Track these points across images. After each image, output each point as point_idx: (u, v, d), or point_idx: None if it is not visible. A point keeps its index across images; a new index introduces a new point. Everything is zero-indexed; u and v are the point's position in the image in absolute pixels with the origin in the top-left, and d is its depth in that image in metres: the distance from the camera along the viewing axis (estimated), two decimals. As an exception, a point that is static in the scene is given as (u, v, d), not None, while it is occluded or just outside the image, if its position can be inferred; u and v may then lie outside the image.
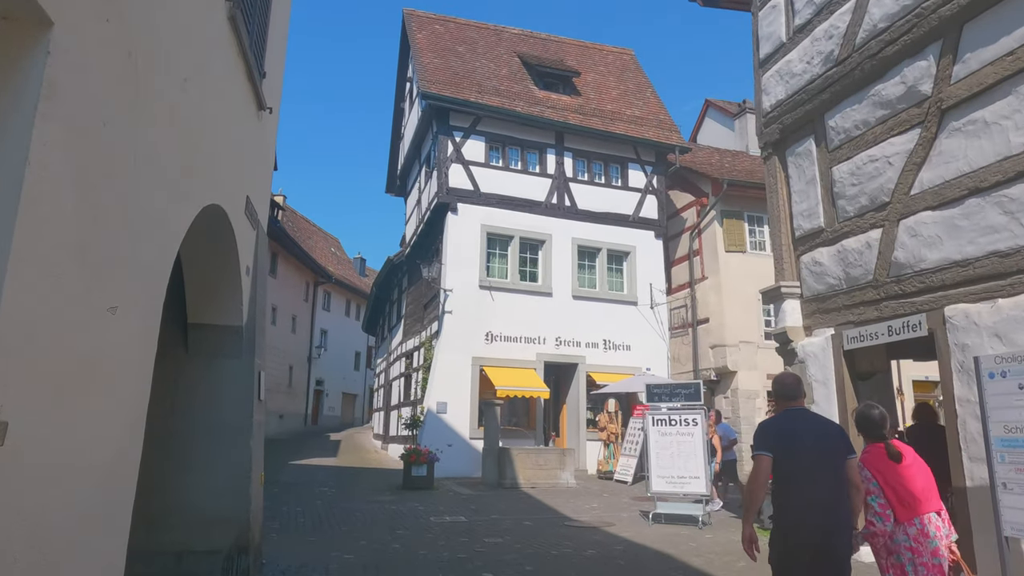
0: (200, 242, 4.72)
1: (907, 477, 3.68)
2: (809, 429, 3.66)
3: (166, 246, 3.40)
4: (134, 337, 3.04)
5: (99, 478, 2.78)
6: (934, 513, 3.68)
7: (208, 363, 5.44)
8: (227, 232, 4.87)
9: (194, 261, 5.00)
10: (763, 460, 3.54)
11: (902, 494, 3.64)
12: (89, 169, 2.37)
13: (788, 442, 3.56)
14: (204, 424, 5.32)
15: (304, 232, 36.90)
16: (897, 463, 3.71)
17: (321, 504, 10.62)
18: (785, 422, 3.72)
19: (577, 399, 16.69)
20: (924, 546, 3.57)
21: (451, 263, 15.94)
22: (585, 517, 9.75)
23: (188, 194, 3.68)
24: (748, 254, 18.76)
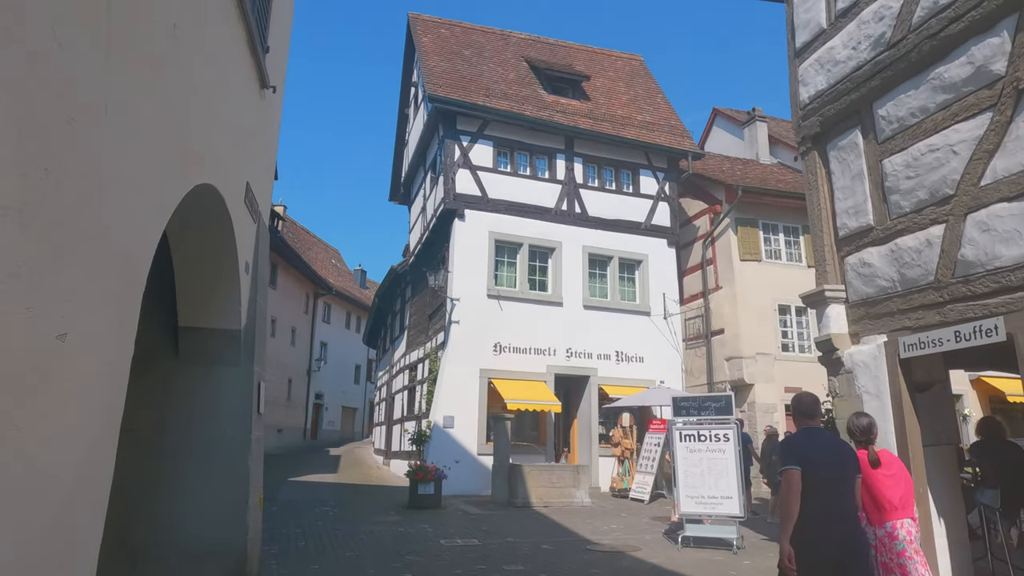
0: (193, 232, 4.13)
1: (886, 484, 4.01)
2: (827, 447, 3.87)
3: (148, 225, 2.81)
4: (104, 335, 2.44)
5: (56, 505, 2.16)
6: (908, 519, 3.99)
7: (201, 372, 4.84)
8: (224, 222, 4.27)
9: (186, 255, 4.40)
10: (794, 474, 3.69)
11: (877, 498, 3.98)
12: (35, 105, 1.78)
13: (813, 459, 3.74)
14: (196, 442, 4.71)
15: (304, 243, 36.37)
16: (875, 468, 4.07)
17: (323, 525, 9.95)
18: (806, 439, 3.91)
19: (589, 413, 16.03)
20: (889, 548, 3.92)
21: (458, 271, 15.35)
22: (607, 540, 9.09)
23: (177, 166, 3.09)
24: (764, 263, 18.22)
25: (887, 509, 4.02)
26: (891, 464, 4.20)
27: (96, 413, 2.47)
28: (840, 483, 3.73)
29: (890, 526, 4.01)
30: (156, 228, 2.91)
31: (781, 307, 18.10)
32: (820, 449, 3.82)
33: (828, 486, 3.67)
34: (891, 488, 4.05)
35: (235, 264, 4.60)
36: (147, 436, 4.61)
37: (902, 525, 4.00)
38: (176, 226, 4.08)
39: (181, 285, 4.60)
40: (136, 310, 2.72)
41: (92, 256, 2.29)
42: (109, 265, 2.45)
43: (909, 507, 4.07)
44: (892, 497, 4.03)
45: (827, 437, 4.01)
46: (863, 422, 4.37)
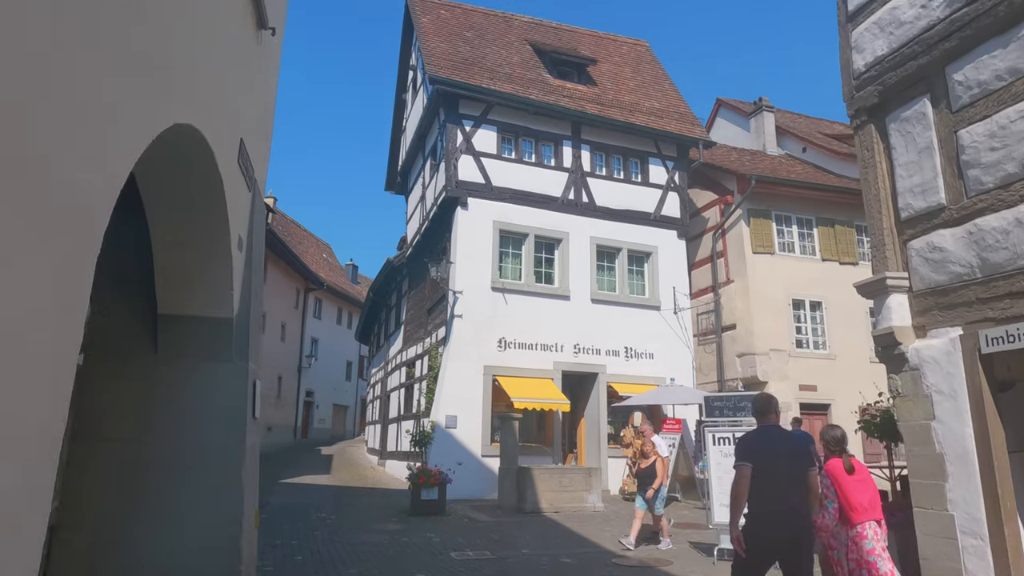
0: (175, 194, 3.32)
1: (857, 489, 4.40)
2: (781, 443, 4.22)
3: (108, 161, 2.00)
4: (42, 312, 1.63)
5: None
6: (874, 522, 4.41)
7: (186, 369, 4.04)
8: (212, 183, 3.47)
9: (166, 224, 3.60)
10: (745, 470, 4.07)
11: (851, 501, 4.36)
12: None
13: (765, 455, 4.07)
14: (180, 451, 3.91)
15: (294, 237, 35.42)
16: (850, 475, 4.48)
17: (320, 536, 9.15)
18: (762, 437, 4.29)
19: (597, 412, 15.29)
20: (859, 547, 4.28)
21: (461, 262, 14.56)
22: (631, 551, 8.34)
23: (149, 95, 2.29)
24: (777, 255, 17.55)
25: (857, 511, 4.42)
26: (861, 471, 4.63)
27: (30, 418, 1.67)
28: (791, 478, 4.08)
29: (860, 527, 4.41)
30: (119, 168, 2.10)
31: (795, 301, 17.42)
32: (773, 446, 4.19)
33: (778, 482, 4.03)
34: (861, 492, 4.48)
35: (225, 238, 3.80)
36: (122, 446, 3.81)
37: (869, 526, 4.44)
38: (154, 185, 3.28)
39: (161, 263, 3.79)
40: (87, 279, 1.92)
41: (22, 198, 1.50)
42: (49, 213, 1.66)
43: (876, 510, 4.51)
44: (862, 500, 4.44)
45: (782, 434, 4.41)
46: (837, 433, 4.84)
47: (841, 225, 18.28)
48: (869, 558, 4.34)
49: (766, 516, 4.00)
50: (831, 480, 4.59)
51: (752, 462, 4.11)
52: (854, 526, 4.42)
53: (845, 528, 4.44)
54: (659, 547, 8.52)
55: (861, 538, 4.39)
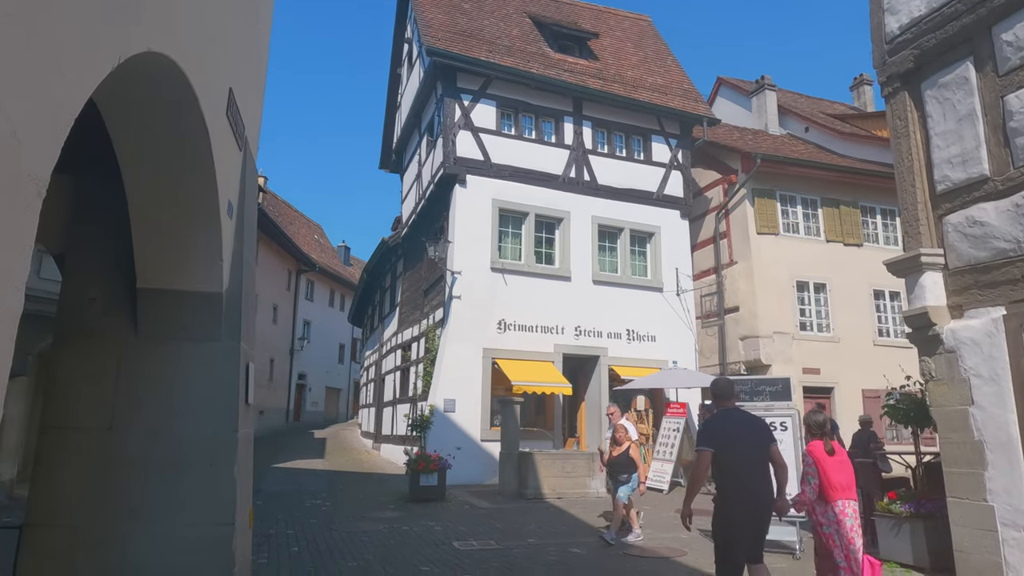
0: (154, 151, 2.86)
1: (836, 469, 4.68)
2: (742, 426, 4.44)
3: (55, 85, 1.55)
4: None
5: None
6: (851, 500, 4.70)
7: (170, 351, 3.61)
8: (197, 136, 3.01)
9: (145, 185, 3.14)
10: (705, 455, 4.33)
11: (831, 481, 4.66)
12: None
13: (727, 438, 4.31)
14: (164, 444, 3.49)
15: (286, 218, 34.78)
16: (831, 456, 4.75)
17: (317, 524, 8.78)
18: (723, 421, 4.53)
19: (598, 395, 14.95)
20: (840, 523, 4.60)
21: (459, 242, 14.10)
22: (642, 541, 8.01)
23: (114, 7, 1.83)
24: (781, 236, 17.18)
25: (836, 490, 4.71)
26: (840, 453, 4.90)
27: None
28: (754, 458, 4.32)
29: (841, 504, 4.70)
30: (73, 97, 1.64)
31: (799, 283, 17.09)
32: (735, 429, 4.42)
33: (741, 462, 4.28)
34: (840, 473, 4.76)
35: (213, 201, 3.34)
36: (97, 438, 3.39)
37: (849, 504, 4.72)
38: (129, 136, 2.82)
39: (139, 230, 3.33)
40: (30, 233, 1.47)
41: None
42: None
43: (851, 490, 4.81)
44: (841, 480, 4.73)
45: (741, 416, 4.66)
46: (819, 418, 5.05)
47: (846, 206, 17.91)
48: (849, 534, 4.66)
49: (736, 493, 4.26)
50: (813, 460, 4.88)
51: (713, 447, 4.36)
52: (834, 503, 4.72)
53: (827, 505, 4.75)
54: (627, 539, 7.88)
55: (843, 515, 4.71)
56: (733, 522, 4.24)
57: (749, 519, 4.23)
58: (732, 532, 4.23)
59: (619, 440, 8.22)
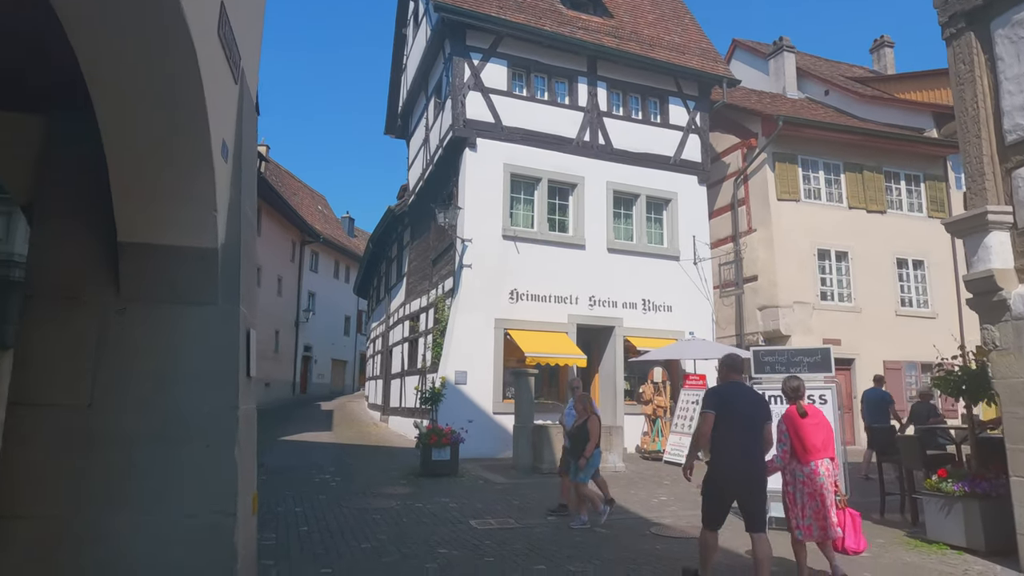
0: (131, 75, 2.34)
1: (811, 431, 5.00)
2: (744, 398, 4.81)
3: None
4: None
5: None
6: (827, 459, 5.01)
7: (158, 315, 3.12)
8: (182, 57, 2.47)
9: (122, 120, 2.62)
10: (709, 416, 4.71)
11: (804, 442, 4.97)
12: None
13: (729, 406, 4.68)
14: (153, 422, 3.03)
15: (289, 188, 34.18)
16: (803, 418, 5.08)
17: (326, 501, 8.40)
18: (728, 390, 4.88)
19: (613, 367, 14.53)
20: (813, 482, 4.92)
21: (470, 208, 13.54)
22: (667, 519, 7.62)
23: None
24: (802, 203, 16.61)
25: (811, 451, 4.95)
26: (816, 415, 5.16)
27: None
28: (749, 428, 4.64)
29: (814, 464, 4.95)
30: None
31: (820, 251, 16.54)
32: (738, 399, 4.74)
33: (741, 428, 4.60)
34: (814, 434, 4.99)
35: (204, 140, 2.83)
36: (74, 415, 2.92)
37: (823, 463, 4.97)
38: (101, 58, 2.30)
39: (118, 174, 2.82)
40: None
41: None
42: None
43: (829, 449, 5.04)
44: (816, 441, 4.96)
45: (745, 390, 4.98)
46: (794, 384, 5.31)
47: (869, 171, 17.27)
48: (821, 491, 4.90)
49: (728, 456, 4.61)
50: (787, 425, 5.11)
51: (717, 410, 4.68)
52: (808, 463, 4.94)
53: (800, 465, 4.99)
54: (572, 525, 7.11)
55: (815, 474, 4.94)
56: (721, 480, 4.66)
57: (736, 481, 4.61)
58: (719, 489, 4.67)
59: (578, 411, 7.56)
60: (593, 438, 7.21)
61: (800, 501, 4.97)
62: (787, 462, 5.06)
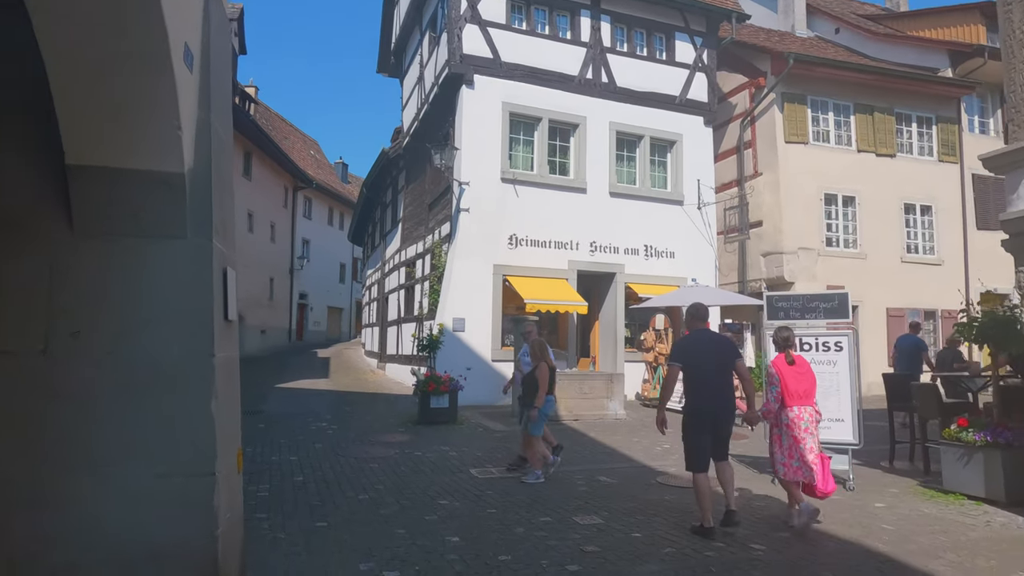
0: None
1: (795, 379, 5.23)
2: (710, 344, 5.11)
3: None
4: None
5: None
6: (810, 407, 5.24)
7: (118, 250, 2.73)
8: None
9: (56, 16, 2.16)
10: (675, 369, 5.10)
11: (789, 389, 5.22)
12: None
13: (695, 354, 5.03)
14: (115, 372, 2.67)
15: (280, 132, 33.19)
16: (790, 366, 5.30)
17: (322, 449, 8.20)
18: (694, 340, 5.20)
19: (614, 314, 14.25)
20: (796, 425, 5.17)
21: (467, 150, 13.00)
22: (672, 468, 7.43)
23: None
24: (810, 145, 16.06)
25: (794, 397, 5.16)
26: (802, 365, 5.33)
27: None
28: (717, 372, 4.94)
29: (797, 410, 5.16)
30: None
31: (827, 196, 16.09)
32: (702, 346, 5.02)
33: (706, 375, 4.91)
34: (798, 382, 5.18)
35: (161, 42, 2.38)
36: (23, 364, 2.57)
37: (804, 410, 5.17)
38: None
39: (58, 81, 2.38)
40: None
41: None
42: None
43: (810, 398, 5.23)
44: (798, 389, 5.16)
45: (710, 336, 5.25)
46: (785, 334, 5.51)
47: (880, 112, 16.66)
48: (802, 435, 5.13)
49: (698, 401, 4.98)
50: (775, 371, 5.33)
51: (683, 361, 5.05)
52: (790, 408, 5.19)
53: (785, 410, 5.20)
54: (525, 479, 6.66)
55: (799, 419, 5.17)
56: (696, 421, 4.97)
57: (709, 421, 4.91)
58: (696, 432, 4.96)
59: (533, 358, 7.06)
60: (542, 386, 6.73)
61: (786, 443, 5.21)
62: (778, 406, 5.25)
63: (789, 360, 5.27)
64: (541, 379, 6.77)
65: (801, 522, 4.93)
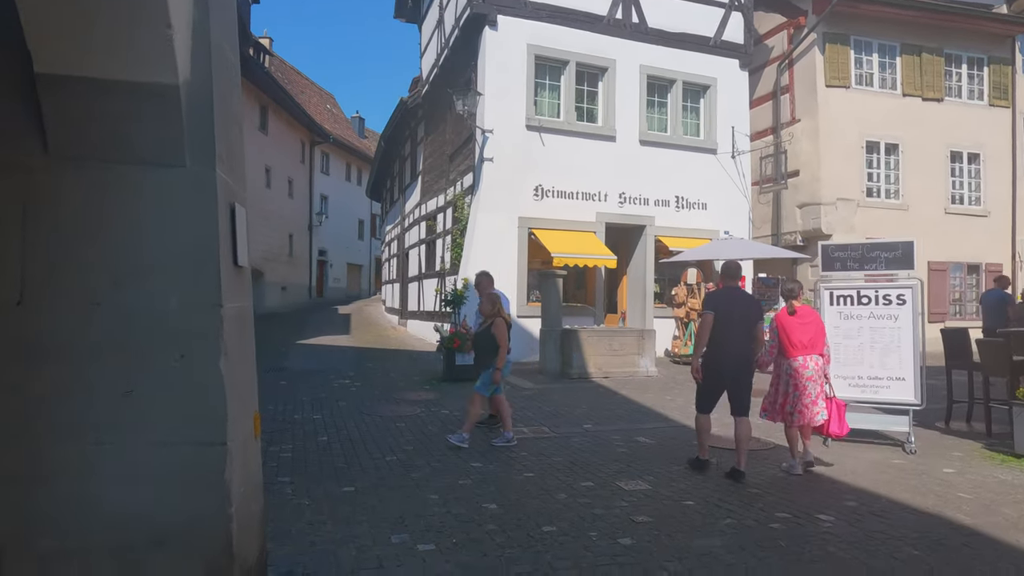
0: None
1: (798, 330, 5.34)
2: (739, 301, 5.34)
3: None
4: None
5: None
6: (816, 355, 5.36)
7: (102, 179, 2.29)
8: None
9: None
10: (708, 317, 5.25)
11: (792, 339, 5.34)
12: None
13: (725, 308, 5.22)
14: (105, 325, 2.26)
15: (295, 86, 32.46)
16: (791, 316, 5.42)
17: (346, 408, 7.91)
18: (726, 294, 5.43)
19: (643, 268, 13.73)
20: (799, 375, 5.31)
21: (491, 96, 12.35)
22: (713, 427, 6.98)
23: None
24: (852, 89, 15.17)
25: (797, 347, 5.32)
26: (807, 315, 5.45)
27: None
28: (740, 328, 5.19)
29: (801, 359, 5.33)
30: None
31: (869, 144, 15.24)
32: (732, 302, 5.31)
33: (733, 326, 5.17)
34: (802, 332, 5.33)
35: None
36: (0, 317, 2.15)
37: (810, 359, 5.32)
38: None
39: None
40: None
41: None
42: None
43: (816, 347, 5.37)
44: (802, 339, 5.31)
45: (740, 294, 5.53)
46: (790, 287, 5.56)
47: (929, 53, 15.63)
48: (804, 384, 5.29)
49: (719, 351, 5.17)
50: (776, 324, 5.47)
51: (715, 311, 5.21)
52: (795, 358, 5.31)
53: (788, 360, 5.35)
54: (495, 441, 6.21)
55: (803, 367, 5.31)
56: (713, 370, 5.23)
57: (725, 371, 5.19)
58: (707, 378, 5.26)
59: (483, 312, 6.52)
60: (502, 344, 6.21)
61: (784, 391, 5.39)
62: (774, 357, 5.46)
63: (791, 311, 5.40)
64: (500, 336, 6.22)
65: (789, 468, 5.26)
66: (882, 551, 3.55)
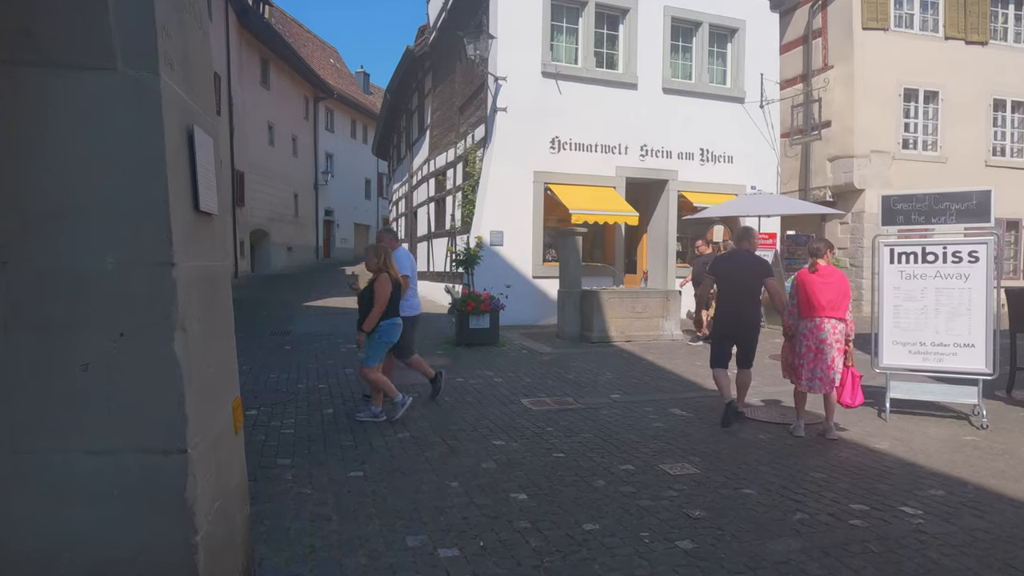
0: None
1: (818, 289, 5.06)
2: (743, 263, 5.66)
3: None
4: None
5: None
6: (835, 319, 5.06)
7: (6, 88, 1.61)
8: None
9: None
10: (708, 281, 6.02)
11: (811, 299, 5.08)
12: None
13: (728, 271, 5.69)
14: (12, 293, 1.61)
15: (297, 39, 31.29)
16: (814, 275, 5.14)
17: (353, 376, 7.36)
18: (731, 257, 5.92)
19: (665, 226, 13.02)
20: (814, 336, 5.06)
21: (504, 40, 11.49)
22: (752, 396, 6.41)
23: None
24: (891, 32, 14.12)
25: (816, 307, 5.09)
26: (830, 275, 5.14)
27: None
28: (744, 289, 5.60)
29: (819, 320, 5.09)
30: None
31: (907, 92, 14.28)
32: (736, 265, 5.68)
33: (736, 287, 5.60)
34: (822, 293, 5.07)
35: None
36: None
37: (828, 321, 5.07)
38: None
39: None
40: None
41: None
42: None
43: (838, 309, 5.08)
44: (821, 299, 5.07)
45: (748, 256, 5.73)
46: (816, 246, 5.27)
47: (974, -9, 14.51)
48: (822, 347, 5.04)
49: (725, 308, 5.69)
50: (797, 283, 5.26)
51: (716, 275, 5.79)
52: (813, 319, 5.09)
53: (805, 320, 5.14)
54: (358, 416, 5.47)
55: (819, 329, 5.06)
56: (722, 327, 5.74)
57: (730, 328, 5.67)
58: (717, 338, 5.78)
59: (368, 267, 5.53)
60: (378, 303, 5.20)
61: (799, 351, 5.16)
62: (794, 316, 5.24)
63: (812, 269, 5.16)
64: (379, 294, 5.23)
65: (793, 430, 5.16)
66: (995, 558, 2.96)
